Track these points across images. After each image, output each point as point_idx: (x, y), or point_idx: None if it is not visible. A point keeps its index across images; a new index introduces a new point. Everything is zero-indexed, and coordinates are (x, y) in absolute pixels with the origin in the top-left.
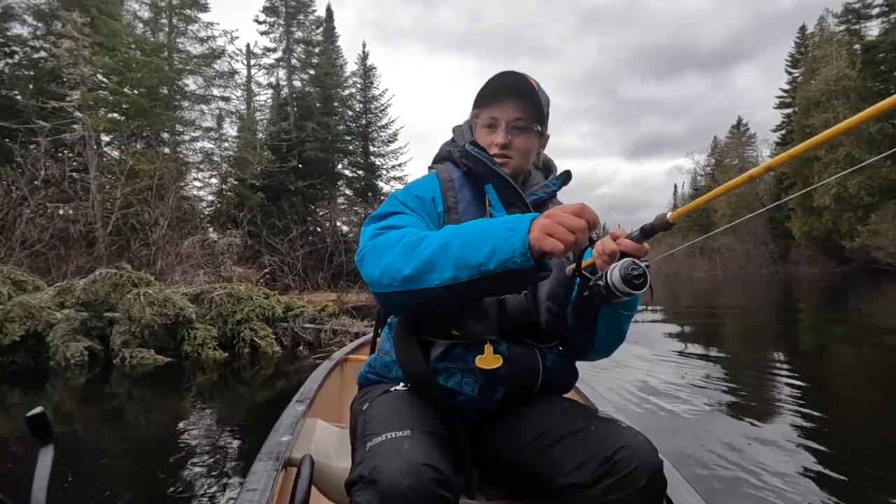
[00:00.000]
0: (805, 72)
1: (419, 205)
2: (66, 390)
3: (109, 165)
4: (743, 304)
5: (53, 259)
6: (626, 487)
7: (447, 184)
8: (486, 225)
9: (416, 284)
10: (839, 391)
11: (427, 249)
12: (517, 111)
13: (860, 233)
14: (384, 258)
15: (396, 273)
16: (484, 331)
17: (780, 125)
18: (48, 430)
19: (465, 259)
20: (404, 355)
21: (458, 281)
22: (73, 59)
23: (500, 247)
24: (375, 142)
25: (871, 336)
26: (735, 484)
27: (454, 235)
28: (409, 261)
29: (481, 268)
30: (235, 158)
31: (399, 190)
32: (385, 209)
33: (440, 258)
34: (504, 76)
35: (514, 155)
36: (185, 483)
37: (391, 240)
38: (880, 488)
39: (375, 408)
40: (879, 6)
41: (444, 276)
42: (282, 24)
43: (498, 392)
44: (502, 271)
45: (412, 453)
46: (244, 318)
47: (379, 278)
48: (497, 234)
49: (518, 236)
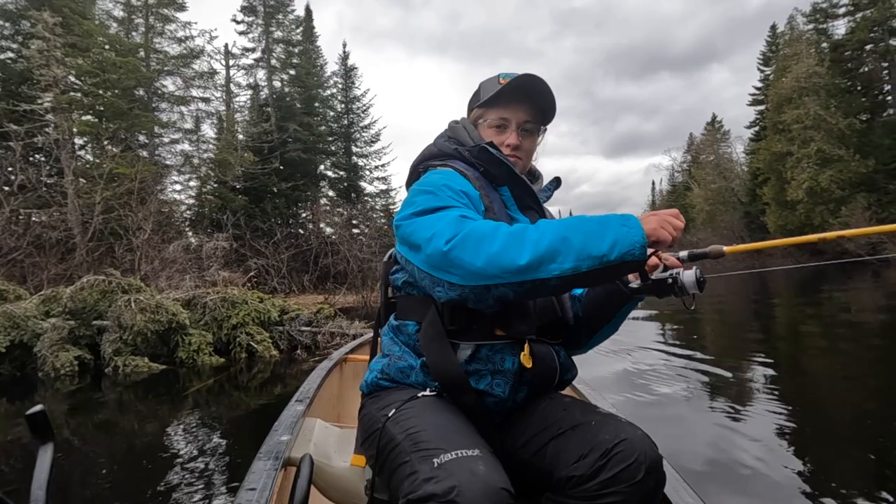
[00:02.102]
0: (776, 69)
1: (468, 201)
2: (58, 401)
3: (87, 169)
4: (723, 297)
5: (29, 267)
6: (625, 480)
7: (476, 183)
8: (599, 221)
9: (532, 275)
10: (816, 380)
11: (544, 240)
12: (528, 113)
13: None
14: (487, 247)
15: (509, 263)
16: (527, 330)
17: (754, 122)
18: (48, 428)
19: (588, 250)
20: (438, 359)
21: (578, 272)
22: (44, 60)
23: (620, 239)
24: (358, 142)
25: (844, 325)
26: (727, 480)
27: (568, 228)
28: (524, 251)
29: (603, 259)
30: (216, 161)
31: (429, 183)
32: (437, 202)
33: (561, 249)
34: (525, 78)
35: (522, 156)
36: (185, 483)
37: (487, 230)
38: (863, 477)
39: (413, 416)
40: (845, 6)
41: (564, 266)
42: (260, 24)
43: (522, 391)
44: (620, 262)
45: (490, 476)
46: (240, 323)
47: (482, 268)
48: (613, 227)
49: (636, 230)
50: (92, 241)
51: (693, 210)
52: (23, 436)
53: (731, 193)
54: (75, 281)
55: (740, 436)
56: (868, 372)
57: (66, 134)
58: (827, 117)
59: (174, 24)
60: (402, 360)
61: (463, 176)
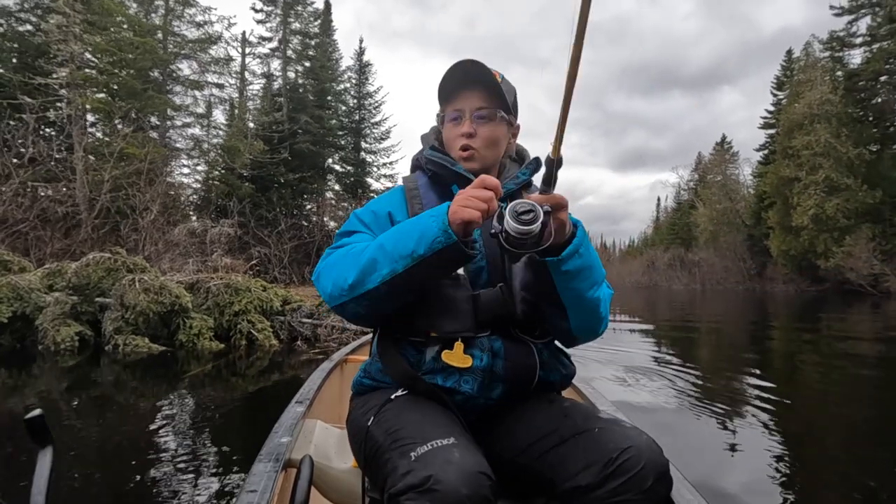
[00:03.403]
0: (790, 95)
1: (373, 219)
2: (55, 376)
3: (97, 147)
4: (720, 317)
5: (34, 240)
6: (633, 489)
7: (412, 192)
8: (414, 219)
9: (362, 288)
10: (812, 397)
11: (366, 253)
12: (480, 100)
13: (835, 254)
14: (332, 273)
15: (343, 282)
16: (458, 328)
17: (763, 145)
18: (46, 432)
19: (399, 251)
20: (387, 363)
21: (396, 273)
22: (63, 36)
23: (425, 231)
24: (367, 138)
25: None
26: (731, 484)
27: (387, 235)
28: (353, 268)
29: (413, 255)
30: (226, 147)
31: (354, 211)
32: (342, 229)
33: (377, 257)
34: (459, 66)
35: (478, 145)
36: (184, 483)
37: (339, 256)
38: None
39: (391, 417)
40: (863, 35)
41: (382, 272)
42: (279, 14)
43: (496, 388)
44: (432, 253)
45: (465, 462)
46: (242, 310)
47: (331, 292)
48: (422, 222)
49: (438, 217)
50: (98, 218)
51: (697, 229)
52: (17, 411)
53: (735, 215)
54: (78, 257)
55: (735, 445)
56: (862, 392)
57: (79, 110)
58: (837, 145)
59: (194, 8)
60: (380, 360)
61: (405, 189)
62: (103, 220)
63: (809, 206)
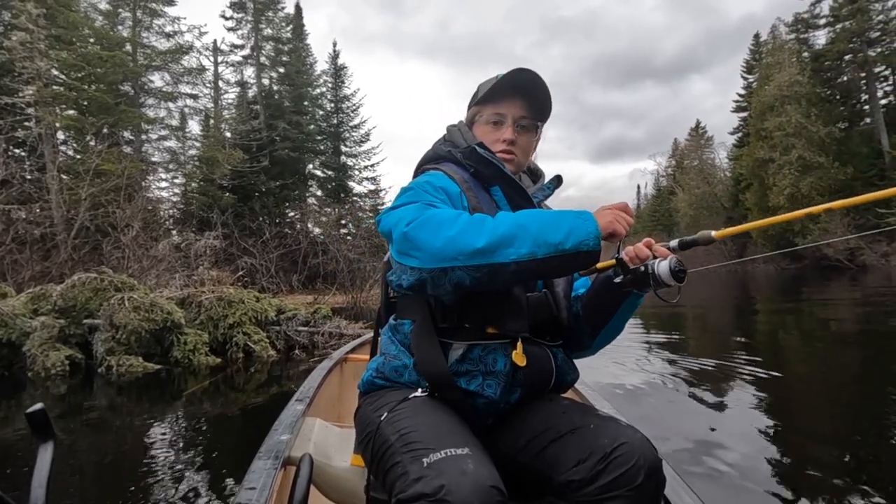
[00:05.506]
0: (759, 78)
1: (447, 198)
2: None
3: (71, 165)
4: (707, 298)
5: (10, 264)
6: (624, 484)
7: (464, 184)
8: (555, 213)
9: (489, 258)
10: (801, 379)
11: (502, 226)
12: (524, 109)
13: (812, 231)
14: (446, 230)
15: (466, 246)
16: (519, 328)
17: (737, 128)
18: (48, 426)
19: (545, 237)
20: (425, 359)
21: (534, 258)
22: (27, 53)
23: (574, 229)
24: (347, 142)
25: (823, 322)
26: (725, 481)
27: (526, 218)
28: (482, 235)
29: (559, 246)
30: (203, 158)
31: (412, 184)
32: (415, 197)
33: (518, 235)
34: (519, 73)
35: (517, 152)
36: (184, 483)
37: (448, 215)
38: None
39: (405, 417)
40: (826, 17)
41: (521, 251)
42: (250, 21)
43: (515, 393)
44: (575, 252)
45: (479, 474)
46: (236, 322)
47: (441, 250)
48: (569, 219)
49: (590, 222)
50: (77, 238)
51: (677, 214)
52: (15, 435)
53: (714, 198)
54: (59, 279)
55: (728, 435)
56: (847, 370)
57: (49, 128)
58: (808, 125)
59: (162, 18)
60: (396, 359)
61: (449, 177)
62: (83, 240)
63: (785, 185)
